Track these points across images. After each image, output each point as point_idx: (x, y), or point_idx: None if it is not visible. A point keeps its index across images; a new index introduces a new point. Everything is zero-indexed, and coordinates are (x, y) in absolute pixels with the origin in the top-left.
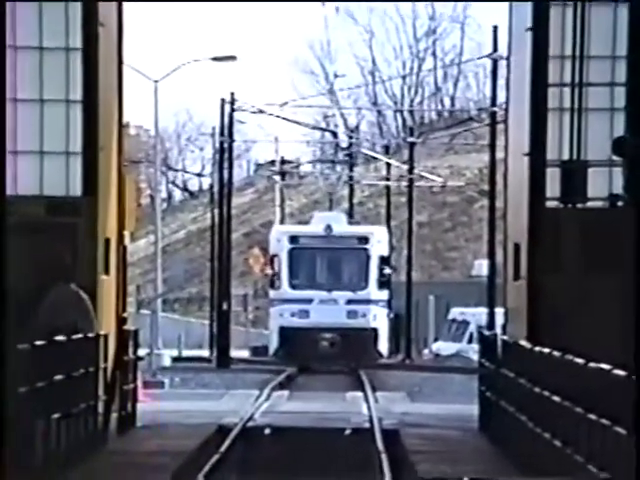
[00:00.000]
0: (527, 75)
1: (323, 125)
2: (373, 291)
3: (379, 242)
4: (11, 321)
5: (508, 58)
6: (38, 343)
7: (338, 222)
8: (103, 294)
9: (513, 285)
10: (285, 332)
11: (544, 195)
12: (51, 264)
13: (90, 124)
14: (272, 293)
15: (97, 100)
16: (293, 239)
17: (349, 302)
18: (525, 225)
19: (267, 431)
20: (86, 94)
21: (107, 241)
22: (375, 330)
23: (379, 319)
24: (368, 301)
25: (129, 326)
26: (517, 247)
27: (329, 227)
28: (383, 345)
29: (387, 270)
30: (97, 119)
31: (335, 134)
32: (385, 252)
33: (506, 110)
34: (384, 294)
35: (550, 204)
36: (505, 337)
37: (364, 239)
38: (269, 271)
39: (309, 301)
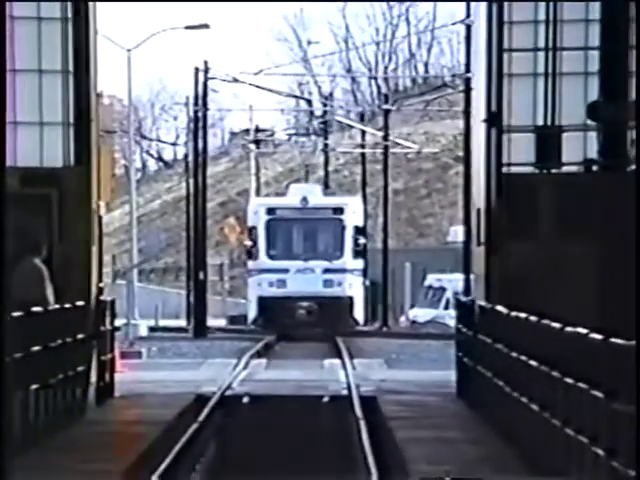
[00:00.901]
0: (483, 41)
1: (297, 93)
2: (348, 260)
3: (354, 213)
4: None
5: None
6: (16, 314)
7: (313, 194)
8: (94, 265)
9: (477, 251)
10: (263, 301)
11: (500, 161)
12: (35, 236)
13: (80, 94)
14: (250, 264)
15: (89, 70)
16: (270, 211)
17: (325, 271)
18: (482, 191)
19: (245, 399)
20: (76, 64)
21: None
22: (351, 298)
23: (354, 287)
24: (344, 270)
25: (105, 296)
26: (479, 213)
27: (305, 199)
28: (359, 313)
29: (362, 240)
30: (89, 89)
31: (309, 102)
32: (360, 222)
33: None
34: (359, 263)
35: (515, 169)
36: (482, 302)
37: (339, 210)
38: (247, 242)
39: (286, 271)
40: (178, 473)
